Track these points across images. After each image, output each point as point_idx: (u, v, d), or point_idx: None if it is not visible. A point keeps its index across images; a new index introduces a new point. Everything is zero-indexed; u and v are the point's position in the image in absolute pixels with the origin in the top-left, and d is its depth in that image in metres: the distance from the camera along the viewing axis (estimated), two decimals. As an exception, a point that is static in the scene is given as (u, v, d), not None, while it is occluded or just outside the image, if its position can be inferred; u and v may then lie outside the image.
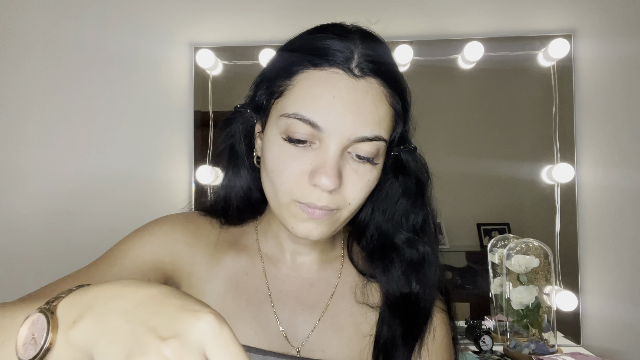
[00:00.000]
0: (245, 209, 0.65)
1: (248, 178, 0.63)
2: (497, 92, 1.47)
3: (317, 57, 0.53)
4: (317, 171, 0.51)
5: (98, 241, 1.46)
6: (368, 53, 0.54)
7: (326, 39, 0.54)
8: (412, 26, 1.48)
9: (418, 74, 1.47)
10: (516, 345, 1.16)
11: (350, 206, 0.55)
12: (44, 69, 1.51)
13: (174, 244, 0.62)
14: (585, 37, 1.44)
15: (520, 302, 1.16)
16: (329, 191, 0.52)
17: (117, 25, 1.51)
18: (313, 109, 0.51)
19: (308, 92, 0.52)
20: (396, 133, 0.57)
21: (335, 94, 0.51)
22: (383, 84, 0.54)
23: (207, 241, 0.65)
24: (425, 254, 0.62)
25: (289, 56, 0.56)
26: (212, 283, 0.62)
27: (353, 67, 0.52)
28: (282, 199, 0.54)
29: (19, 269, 1.47)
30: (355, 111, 0.51)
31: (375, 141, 0.53)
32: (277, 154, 0.54)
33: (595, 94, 1.43)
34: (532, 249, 1.19)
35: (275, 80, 0.56)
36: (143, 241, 0.61)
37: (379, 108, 0.53)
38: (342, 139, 0.51)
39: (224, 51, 1.48)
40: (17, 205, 1.49)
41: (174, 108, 1.51)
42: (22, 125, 1.50)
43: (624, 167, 1.41)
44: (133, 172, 1.49)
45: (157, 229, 0.63)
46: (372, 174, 0.55)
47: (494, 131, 1.46)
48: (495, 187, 1.44)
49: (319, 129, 0.51)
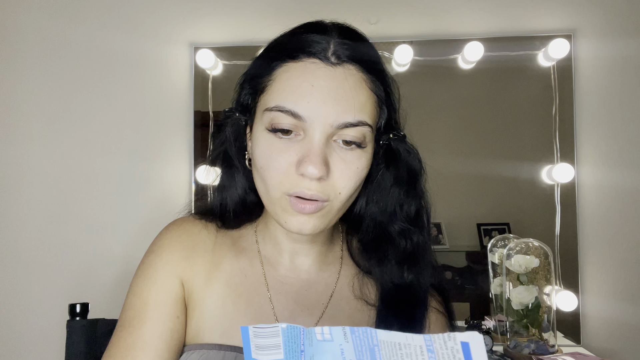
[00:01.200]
0: (242, 212, 0.65)
1: (243, 181, 0.64)
2: (497, 92, 1.47)
3: (295, 50, 0.54)
4: (303, 160, 0.52)
5: (98, 241, 1.47)
6: (344, 41, 0.54)
7: (304, 33, 0.55)
8: (412, 26, 1.48)
9: (418, 74, 1.47)
10: (516, 345, 1.16)
11: (340, 196, 0.55)
12: (44, 69, 1.51)
13: (175, 266, 0.63)
14: (585, 37, 1.44)
15: (520, 302, 1.16)
16: (317, 179, 0.52)
17: (117, 25, 1.51)
18: (293, 99, 0.52)
19: (287, 83, 0.53)
20: (382, 120, 0.58)
21: (313, 82, 0.52)
22: (362, 70, 0.54)
23: (204, 248, 0.65)
24: (418, 244, 0.62)
25: (269, 54, 0.57)
26: (211, 288, 0.63)
27: (329, 55, 0.53)
28: (273, 193, 0.54)
29: (19, 269, 1.47)
30: (335, 98, 0.52)
31: (360, 126, 0.53)
32: (264, 148, 0.54)
33: (595, 94, 1.43)
34: (532, 249, 1.19)
35: (257, 78, 0.57)
36: (152, 282, 0.62)
37: (359, 94, 0.53)
38: (325, 126, 0.52)
39: (224, 51, 1.48)
40: (17, 205, 1.49)
41: (174, 108, 1.51)
42: (22, 125, 1.50)
43: (624, 167, 1.41)
44: (133, 172, 1.49)
45: (158, 260, 0.63)
46: (360, 162, 0.55)
47: (494, 131, 1.46)
48: (495, 187, 1.44)
49: (301, 119, 0.52)
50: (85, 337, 0.84)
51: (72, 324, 0.85)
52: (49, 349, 1.44)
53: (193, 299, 0.63)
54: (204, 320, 0.61)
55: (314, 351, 0.38)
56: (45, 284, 1.46)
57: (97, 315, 0.90)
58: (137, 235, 1.45)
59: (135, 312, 0.60)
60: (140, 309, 0.60)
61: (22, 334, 1.46)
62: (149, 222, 1.43)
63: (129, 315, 0.61)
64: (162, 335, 0.59)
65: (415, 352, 0.36)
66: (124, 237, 1.47)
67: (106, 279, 1.45)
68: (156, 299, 0.61)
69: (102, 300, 1.09)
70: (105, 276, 1.46)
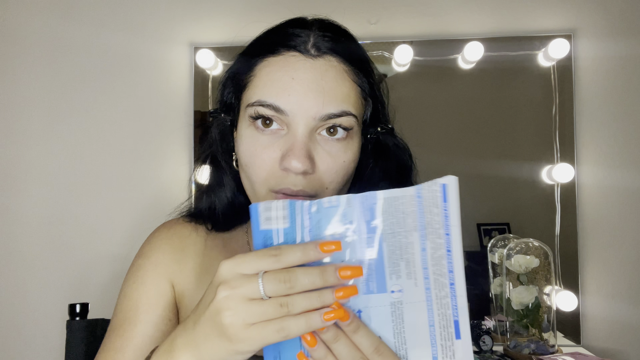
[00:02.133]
0: (231, 214, 0.65)
1: (231, 184, 0.63)
2: (497, 92, 1.47)
3: (275, 45, 0.53)
4: (287, 155, 0.51)
5: (98, 241, 1.47)
6: (325, 34, 0.54)
7: (284, 29, 0.55)
8: (412, 26, 1.48)
9: (418, 74, 1.46)
10: (516, 345, 1.16)
11: (328, 191, 0.54)
12: (44, 69, 1.51)
13: (166, 268, 0.63)
14: (585, 37, 1.44)
15: (520, 302, 1.16)
16: (302, 174, 0.51)
17: (117, 25, 1.51)
18: (274, 93, 0.51)
19: (268, 78, 0.52)
20: (367, 111, 0.57)
21: (293, 75, 0.51)
22: (343, 62, 0.53)
23: (194, 250, 0.64)
24: None
25: (250, 50, 0.57)
26: (202, 290, 0.62)
27: (309, 47, 0.52)
28: (258, 190, 0.54)
29: (19, 269, 1.47)
30: (316, 90, 0.51)
31: (344, 117, 0.52)
32: (247, 145, 0.54)
33: (595, 94, 1.43)
34: (532, 249, 1.19)
35: (238, 75, 0.57)
36: (142, 285, 0.62)
37: (341, 85, 0.52)
38: (308, 119, 0.51)
39: (224, 51, 1.48)
40: (16, 205, 1.49)
41: (174, 108, 1.51)
42: (22, 125, 1.50)
43: (624, 167, 1.41)
44: (133, 172, 1.49)
45: (148, 263, 0.63)
46: (347, 155, 0.54)
47: (493, 131, 1.46)
48: (495, 187, 1.44)
49: (282, 113, 0.51)
50: (85, 337, 0.84)
51: (72, 324, 0.85)
52: (49, 349, 1.44)
53: (184, 302, 0.62)
54: None
55: (321, 216, 0.43)
56: (45, 284, 1.46)
57: (97, 315, 0.90)
58: (138, 235, 1.44)
59: (126, 315, 0.60)
60: (131, 312, 0.60)
61: (22, 334, 1.46)
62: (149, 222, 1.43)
63: (120, 318, 0.60)
64: (153, 337, 0.58)
65: (408, 201, 0.43)
66: (124, 237, 1.47)
67: (106, 279, 1.45)
68: (147, 301, 0.60)
69: (102, 300, 1.09)
70: (105, 276, 1.45)
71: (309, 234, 0.43)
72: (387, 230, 0.43)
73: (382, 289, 0.43)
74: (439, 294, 0.44)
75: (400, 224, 0.43)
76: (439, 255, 0.44)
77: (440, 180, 0.44)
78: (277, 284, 0.39)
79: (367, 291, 0.43)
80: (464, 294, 0.44)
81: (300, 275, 0.39)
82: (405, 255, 0.43)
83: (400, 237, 0.43)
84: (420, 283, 0.43)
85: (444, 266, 0.44)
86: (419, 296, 0.43)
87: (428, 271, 0.44)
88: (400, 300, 0.43)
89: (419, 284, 0.43)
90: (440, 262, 0.44)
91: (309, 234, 0.43)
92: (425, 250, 0.44)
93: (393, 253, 0.43)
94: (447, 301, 0.44)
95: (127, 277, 0.63)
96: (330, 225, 0.43)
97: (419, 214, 0.43)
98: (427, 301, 0.44)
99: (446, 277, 0.44)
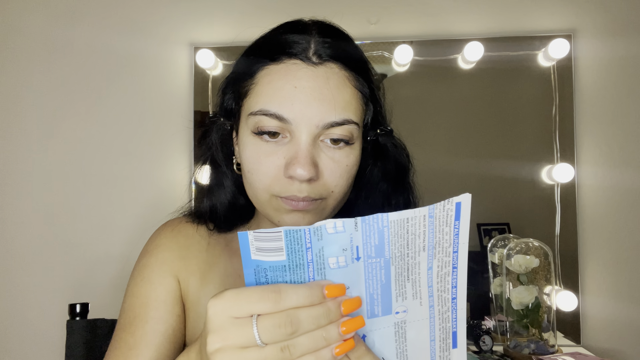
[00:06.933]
0: (233, 216, 0.65)
1: (231, 186, 0.63)
2: (497, 92, 1.47)
3: (276, 52, 0.53)
4: (291, 163, 0.51)
5: (98, 241, 1.47)
6: (325, 40, 0.54)
7: (284, 34, 0.55)
8: (412, 26, 1.48)
9: (418, 74, 1.46)
10: (516, 345, 1.16)
11: (334, 194, 0.54)
12: (44, 69, 1.51)
13: (171, 266, 0.63)
14: (585, 37, 1.44)
15: (520, 302, 1.16)
16: (307, 181, 0.51)
17: (117, 26, 1.51)
18: (277, 102, 0.51)
19: (270, 86, 0.52)
20: (368, 116, 0.57)
21: (296, 84, 0.51)
22: (344, 68, 0.53)
23: (198, 248, 0.65)
24: None
25: (250, 56, 0.57)
26: (206, 288, 0.63)
27: (311, 55, 0.52)
28: (261, 196, 0.54)
29: (19, 269, 1.47)
30: (319, 98, 0.51)
31: (346, 125, 0.52)
32: (250, 152, 0.54)
33: (595, 94, 1.43)
34: (532, 249, 1.19)
35: (239, 82, 0.56)
36: (150, 282, 0.62)
37: (343, 92, 0.52)
38: (311, 127, 0.51)
39: (224, 51, 1.48)
40: (17, 205, 1.49)
41: (174, 108, 1.51)
42: (22, 126, 1.50)
43: (624, 167, 1.41)
44: (133, 172, 1.49)
45: (154, 261, 0.63)
46: (349, 159, 0.54)
47: (493, 131, 1.46)
48: (495, 187, 1.44)
49: (286, 121, 0.51)
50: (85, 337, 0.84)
51: (72, 324, 0.85)
52: (49, 349, 1.44)
53: (189, 300, 0.63)
54: (199, 321, 0.62)
55: (323, 244, 0.38)
56: (45, 284, 1.46)
57: (97, 315, 0.90)
58: (138, 235, 1.45)
59: (136, 313, 0.60)
60: (140, 310, 0.60)
61: (22, 334, 1.46)
62: (149, 221, 1.43)
63: (129, 316, 0.60)
64: (165, 333, 0.59)
65: (419, 221, 0.40)
66: (125, 237, 1.47)
67: (106, 279, 1.45)
68: (156, 298, 0.60)
69: (102, 300, 1.09)
70: (105, 276, 1.46)
71: (309, 266, 0.39)
72: (395, 253, 0.40)
73: (388, 311, 0.41)
74: (442, 309, 0.43)
75: (409, 246, 0.41)
76: (445, 272, 0.43)
77: (455, 198, 0.41)
78: (276, 329, 0.35)
79: (371, 315, 0.41)
80: (464, 306, 0.44)
81: (303, 320, 0.36)
82: (412, 276, 0.41)
83: (408, 258, 0.41)
84: (425, 302, 0.42)
85: (448, 282, 0.43)
86: (422, 314, 0.43)
87: (432, 289, 0.43)
88: (404, 319, 0.42)
89: (424, 303, 0.42)
90: (445, 278, 0.43)
91: (309, 266, 0.39)
92: (431, 269, 0.42)
93: (400, 275, 0.41)
94: (448, 315, 0.43)
95: (133, 276, 0.64)
96: (334, 252, 0.39)
97: (429, 233, 0.41)
98: (430, 318, 0.43)
99: (449, 293, 0.43)
